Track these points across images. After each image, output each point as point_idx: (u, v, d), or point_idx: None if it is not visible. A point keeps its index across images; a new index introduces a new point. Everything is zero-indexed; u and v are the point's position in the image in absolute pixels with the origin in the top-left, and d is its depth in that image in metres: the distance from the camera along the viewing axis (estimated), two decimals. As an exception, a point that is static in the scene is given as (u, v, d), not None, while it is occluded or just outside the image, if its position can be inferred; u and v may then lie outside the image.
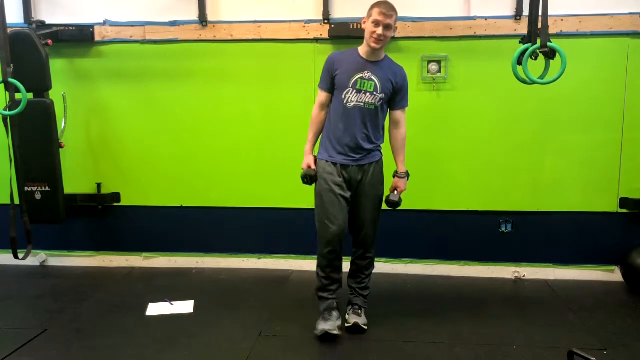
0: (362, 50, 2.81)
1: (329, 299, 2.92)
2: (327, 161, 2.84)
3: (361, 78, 2.77)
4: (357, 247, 2.98)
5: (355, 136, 2.79)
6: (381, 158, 2.92)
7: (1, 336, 2.91)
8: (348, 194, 2.83)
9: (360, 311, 2.95)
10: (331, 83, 2.83)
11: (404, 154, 2.94)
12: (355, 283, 3.00)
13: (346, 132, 2.80)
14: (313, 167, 2.86)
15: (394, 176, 2.96)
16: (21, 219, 3.52)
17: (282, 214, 3.85)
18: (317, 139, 2.94)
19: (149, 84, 3.80)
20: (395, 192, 2.94)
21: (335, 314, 2.89)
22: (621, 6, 3.44)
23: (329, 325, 2.81)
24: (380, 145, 2.92)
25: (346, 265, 3.13)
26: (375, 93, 2.78)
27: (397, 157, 2.94)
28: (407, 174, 2.98)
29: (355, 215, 2.89)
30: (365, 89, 2.77)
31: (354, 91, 2.77)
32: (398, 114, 2.91)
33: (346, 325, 2.90)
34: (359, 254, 2.97)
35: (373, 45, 2.72)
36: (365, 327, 2.90)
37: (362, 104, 2.78)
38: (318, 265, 2.92)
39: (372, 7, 2.75)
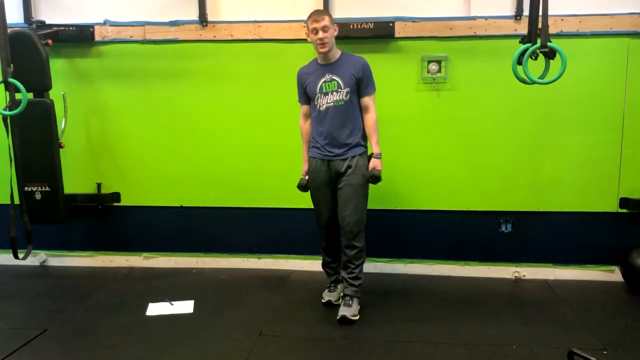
0: (319, 58, 3.12)
1: (334, 274, 3.30)
2: (315, 157, 3.14)
3: (324, 82, 3.05)
4: (343, 235, 3.12)
5: (335, 134, 3.05)
6: (365, 151, 3.12)
7: (1, 336, 2.91)
8: (333, 186, 3.13)
9: (350, 301, 3.06)
10: (305, 95, 3.15)
11: (376, 136, 3.10)
12: (346, 273, 3.13)
13: (326, 132, 3.07)
14: (305, 175, 3.22)
15: (369, 158, 3.13)
16: (21, 219, 3.52)
17: (282, 214, 3.85)
18: (309, 146, 3.22)
19: (149, 84, 3.80)
20: (374, 170, 3.10)
21: (339, 286, 3.28)
22: (621, 6, 3.44)
23: (333, 296, 3.25)
24: (362, 139, 3.10)
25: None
26: (340, 90, 3.03)
27: (371, 140, 3.12)
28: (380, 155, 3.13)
29: (339, 206, 3.11)
30: (330, 89, 3.04)
31: (322, 95, 3.06)
32: (366, 100, 3.09)
33: (336, 318, 3.01)
34: (346, 243, 3.10)
35: (321, 50, 3.02)
36: (354, 318, 3.01)
37: (332, 103, 3.04)
38: (320, 245, 3.30)
39: (307, 20, 3.05)
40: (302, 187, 3.23)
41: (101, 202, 3.92)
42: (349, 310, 3.01)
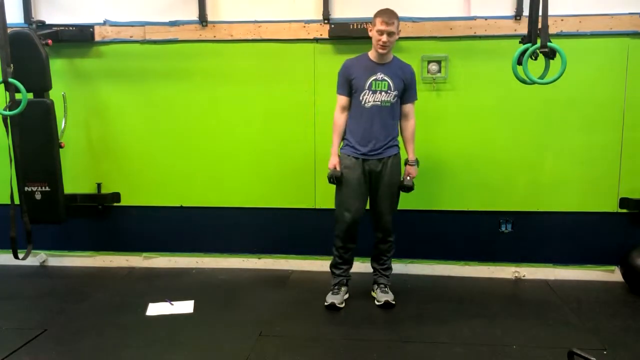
0: (372, 54, 3.11)
1: (340, 276, 3.29)
2: (349, 155, 3.14)
3: (375, 80, 3.07)
4: (377, 231, 3.26)
5: (375, 132, 3.09)
6: (398, 152, 3.20)
7: (1, 336, 2.91)
8: (366, 186, 3.16)
9: (386, 288, 3.28)
10: (349, 87, 3.12)
11: (413, 144, 3.23)
12: (378, 265, 3.33)
13: (366, 129, 3.10)
14: (338, 168, 3.14)
15: (405, 164, 3.23)
16: (21, 219, 3.51)
17: (282, 214, 3.84)
18: (341, 140, 3.19)
19: (149, 84, 3.80)
20: (408, 177, 3.20)
21: (343, 289, 3.29)
22: (621, 6, 3.44)
23: (337, 298, 3.21)
24: (397, 139, 3.18)
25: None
26: (389, 91, 3.08)
27: (408, 147, 3.23)
28: (417, 162, 3.25)
29: (375, 204, 3.20)
30: (380, 89, 3.07)
31: (370, 92, 3.07)
32: (408, 107, 3.19)
33: (377, 303, 3.21)
34: (380, 238, 3.26)
35: (380, 51, 3.04)
36: (394, 302, 3.19)
37: (379, 103, 3.08)
38: (334, 245, 3.27)
39: (375, 16, 3.04)
40: (336, 179, 3.13)
41: (101, 202, 3.92)
42: (389, 296, 3.23)
